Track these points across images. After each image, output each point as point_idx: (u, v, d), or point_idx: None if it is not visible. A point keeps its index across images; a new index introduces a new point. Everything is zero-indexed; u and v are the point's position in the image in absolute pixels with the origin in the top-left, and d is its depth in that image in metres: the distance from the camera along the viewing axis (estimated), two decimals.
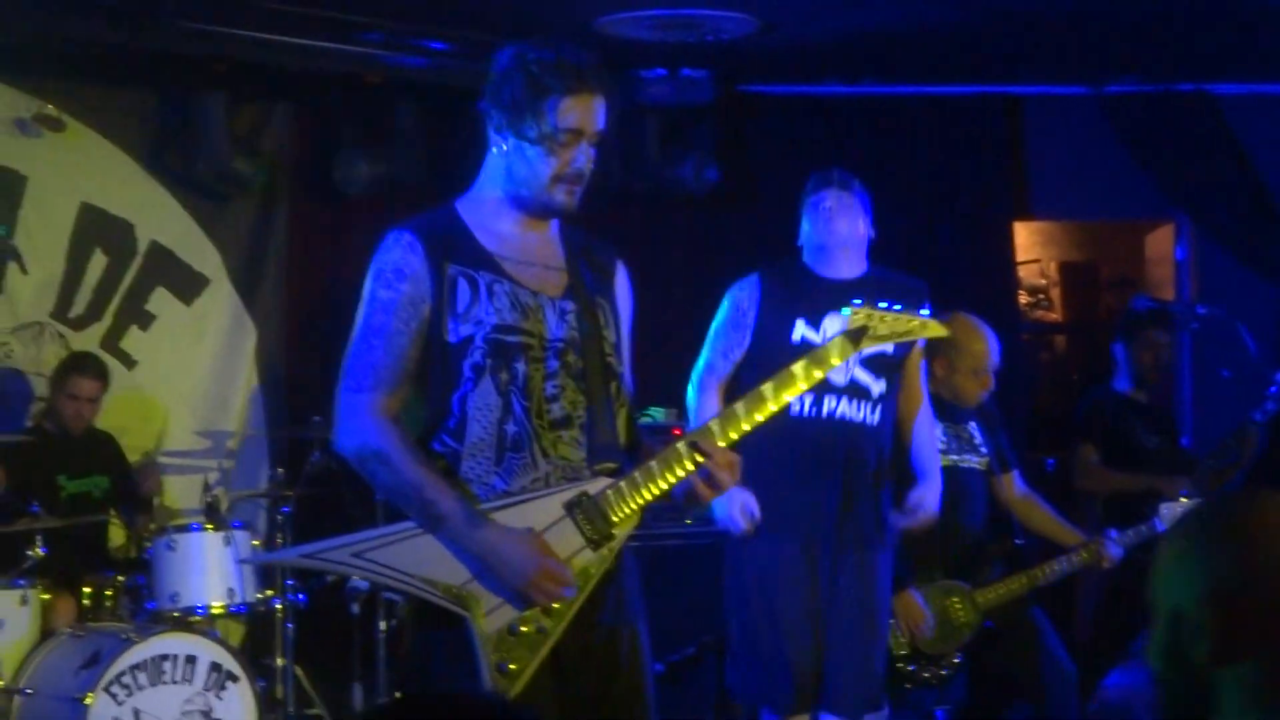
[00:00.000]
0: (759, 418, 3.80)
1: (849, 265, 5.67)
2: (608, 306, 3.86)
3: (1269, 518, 2.08)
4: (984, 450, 6.46)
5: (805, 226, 5.71)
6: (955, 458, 6.37)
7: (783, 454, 5.43)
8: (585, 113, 3.69)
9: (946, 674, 6.29)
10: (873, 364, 5.54)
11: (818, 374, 3.88)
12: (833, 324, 5.43)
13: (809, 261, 5.74)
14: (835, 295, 5.33)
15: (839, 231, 5.63)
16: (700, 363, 5.74)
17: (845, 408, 5.56)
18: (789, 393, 3.84)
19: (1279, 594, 2.03)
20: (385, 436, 3.65)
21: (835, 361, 3.95)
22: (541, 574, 3.55)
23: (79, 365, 7.56)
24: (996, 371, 6.45)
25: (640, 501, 3.70)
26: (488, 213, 3.81)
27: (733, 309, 5.67)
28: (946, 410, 6.39)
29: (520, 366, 3.69)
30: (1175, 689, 2.10)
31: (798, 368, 3.85)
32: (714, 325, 5.72)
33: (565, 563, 3.62)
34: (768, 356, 5.34)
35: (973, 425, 6.48)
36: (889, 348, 5.34)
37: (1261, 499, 2.12)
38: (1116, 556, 6.37)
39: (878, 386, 5.59)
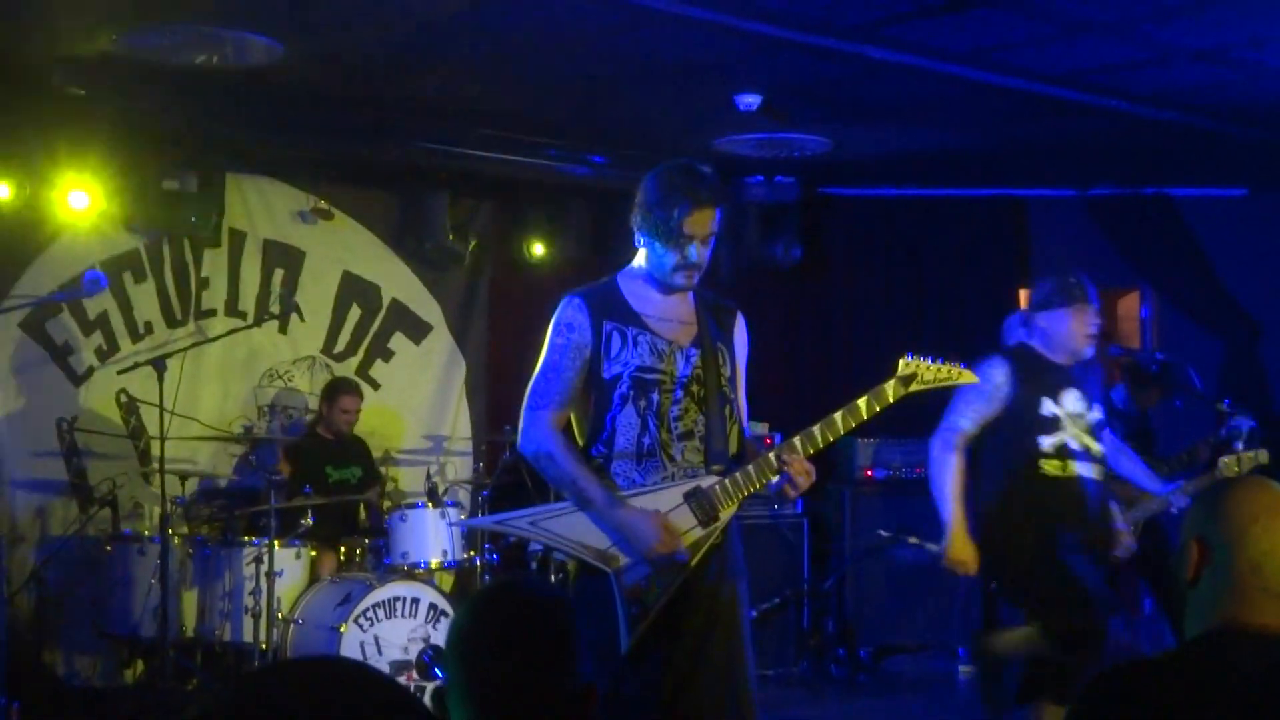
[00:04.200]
0: (831, 439, 3.75)
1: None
2: (726, 350, 3.84)
3: (1237, 495, 2.20)
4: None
5: (1045, 323, 5.11)
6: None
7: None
8: (700, 222, 3.69)
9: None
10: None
11: (877, 408, 3.79)
12: (1069, 398, 5.02)
13: (1044, 349, 5.11)
14: (1066, 376, 5.02)
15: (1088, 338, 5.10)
16: (948, 422, 5.02)
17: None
18: (854, 421, 3.77)
19: (1224, 544, 2.14)
20: (553, 442, 3.68)
21: (891, 399, 3.80)
22: (660, 543, 3.56)
23: (348, 388, 7.59)
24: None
25: (741, 494, 3.70)
26: (638, 284, 3.82)
27: (987, 384, 4.90)
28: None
29: (655, 396, 3.70)
30: (1173, 595, 2.32)
31: (862, 402, 3.77)
32: (963, 394, 4.91)
33: (681, 536, 3.62)
34: (1015, 423, 4.96)
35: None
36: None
37: (1240, 482, 2.31)
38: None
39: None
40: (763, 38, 5.56)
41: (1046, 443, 4.96)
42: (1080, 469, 4.99)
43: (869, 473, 8.20)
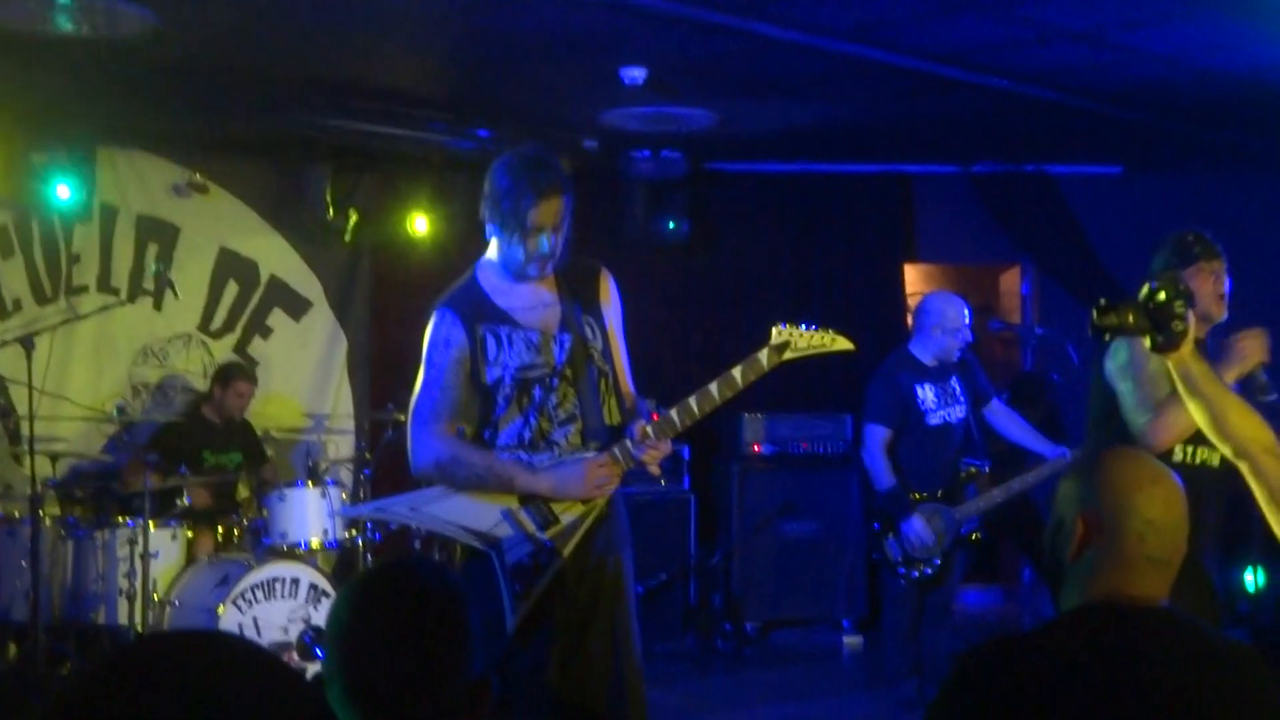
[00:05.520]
0: (708, 409, 3.75)
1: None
2: (594, 322, 3.84)
3: (1117, 467, 2.24)
4: (963, 399, 6.25)
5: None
6: (945, 412, 6.18)
7: None
8: (546, 213, 3.66)
9: (931, 573, 6.17)
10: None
11: (752, 377, 3.76)
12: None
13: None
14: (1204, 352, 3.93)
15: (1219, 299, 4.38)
16: (1141, 407, 4.25)
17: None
18: (730, 391, 3.75)
19: (1111, 515, 2.18)
20: (452, 446, 3.71)
21: (766, 368, 3.76)
22: (591, 477, 3.66)
23: (242, 373, 7.54)
24: (969, 326, 6.32)
25: (621, 466, 3.73)
26: (497, 277, 3.81)
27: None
28: (934, 373, 6.20)
29: (537, 391, 3.73)
30: (1051, 571, 2.28)
31: (736, 371, 3.74)
32: (1139, 381, 4.29)
33: (567, 509, 3.69)
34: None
35: (954, 379, 6.27)
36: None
37: (1114, 455, 2.32)
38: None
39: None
40: (648, 11, 5.58)
41: None
42: (1209, 456, 4.27)
43: (757, 448, 8.29)
